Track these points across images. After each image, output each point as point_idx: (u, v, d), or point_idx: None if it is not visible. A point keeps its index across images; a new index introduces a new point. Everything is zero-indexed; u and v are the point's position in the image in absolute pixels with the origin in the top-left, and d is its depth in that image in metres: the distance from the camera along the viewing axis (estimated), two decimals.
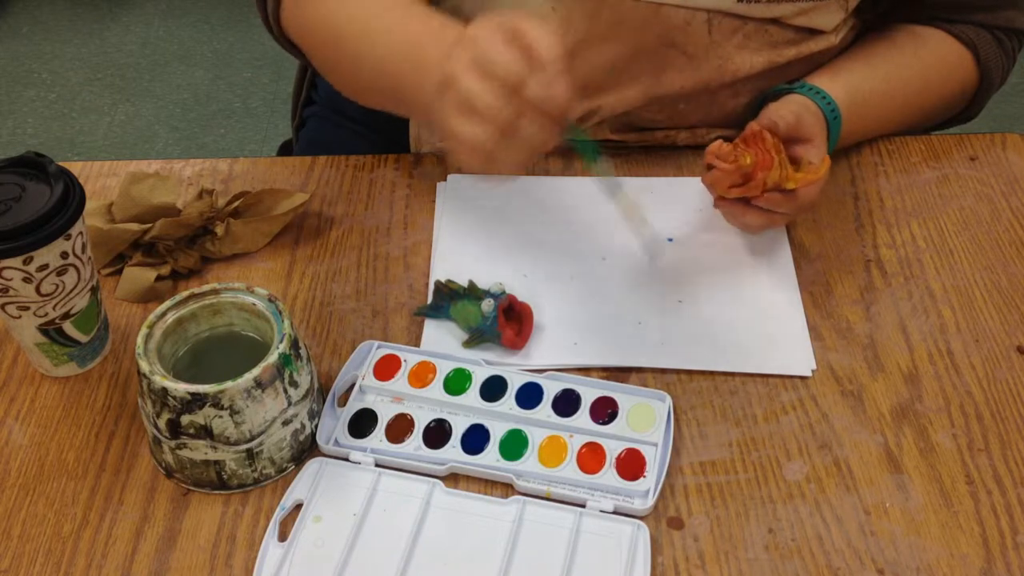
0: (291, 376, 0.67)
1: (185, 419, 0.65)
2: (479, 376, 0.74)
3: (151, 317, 0.68)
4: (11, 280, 0.68)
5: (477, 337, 0.76)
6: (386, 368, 0.75)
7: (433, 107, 0.64)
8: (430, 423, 0.72)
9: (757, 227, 0.82)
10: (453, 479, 0.70)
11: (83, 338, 0.74)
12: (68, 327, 0.73)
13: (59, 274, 0.69)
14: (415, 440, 0.71)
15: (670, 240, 0.86)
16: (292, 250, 0.86)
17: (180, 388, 0.63)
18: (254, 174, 0.93)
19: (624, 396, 0.73)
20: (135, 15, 2.62)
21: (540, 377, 0.74)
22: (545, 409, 0.72)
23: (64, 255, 0.69)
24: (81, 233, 0.70)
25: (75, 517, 0.67)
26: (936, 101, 0.94)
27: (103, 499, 0.68)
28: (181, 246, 0.83)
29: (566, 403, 0.72)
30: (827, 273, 0.83)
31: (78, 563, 0.65)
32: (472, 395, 0.73)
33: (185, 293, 0.70)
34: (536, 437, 0.71)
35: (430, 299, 0.80)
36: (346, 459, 0.70)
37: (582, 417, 0.72)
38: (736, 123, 0.93)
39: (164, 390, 0.64)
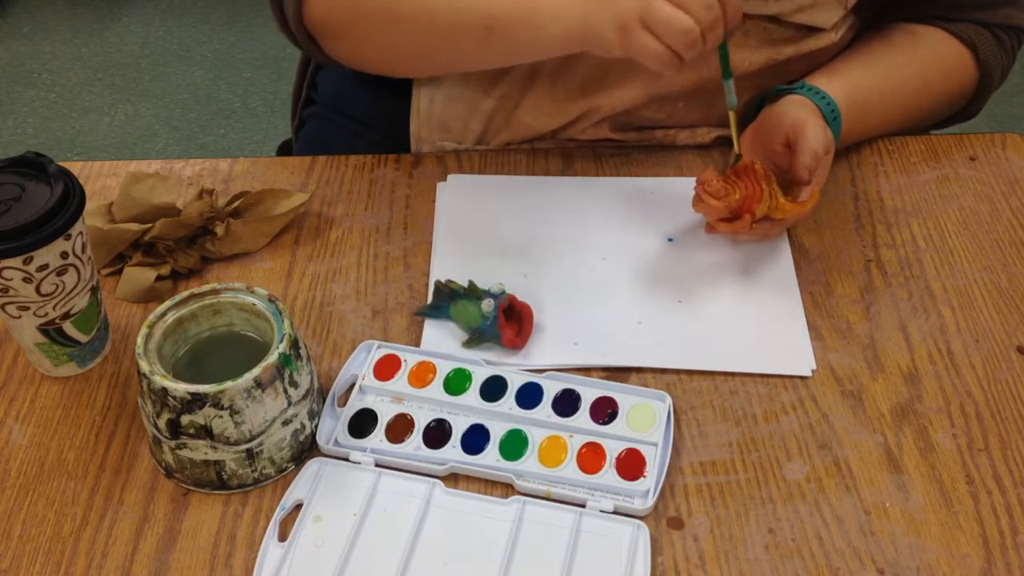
0: (291, 376, 0.67)
1: (185, 419, 0.65)
2: (479, 376, 0.74)
3: (151, 317, 0.68)
4: (11, 280, 0.68)
5: (477, 337, 0.76)
6: (386, 368, 0.75)
7: (588, 20, 0.74)
8: (430, 423, 0.72)
9: (749, 241, 0.84)
10: (453, 479, 0.70)
11: (83, 338, 0.74)
12: (68, 327, 0.73)
13: (59, 274, 0.69)
14: (415, 440, 0.71)
15: (670, 240, 0.86)
16: (292, 250, 0.86)
17: (180, 388, 0.63)
18: (254, 174, 0.93)
19: (624, 396, 0.73)
20: (135, 15, 2.62)
21: (540, 377, 0.74)
22: (545, 409, 0.72)
23: (64, 255, 0.69)
24: (81, 233, 0.70)
25: (75, 517, 0.67)
26: (936, 99, 0.94)
27: (103, 499, 0.68)
28: (181, 246, 0.83)
29: (566, 403, 0.72)
30: (827, 273, 0.83)
31: (78, 563, 0.65)
32: (472, 395, 0.73)
33: (185, 293, 0.70)
34: (536, 437, 0.71)
35: (430, 299, 0.80)
36: (346, 459, 0.70)
37: (582, 417, 0.72)
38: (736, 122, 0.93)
39: (164, 390, 0.64)
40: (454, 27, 0.80)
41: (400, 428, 0.71)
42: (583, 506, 0.67)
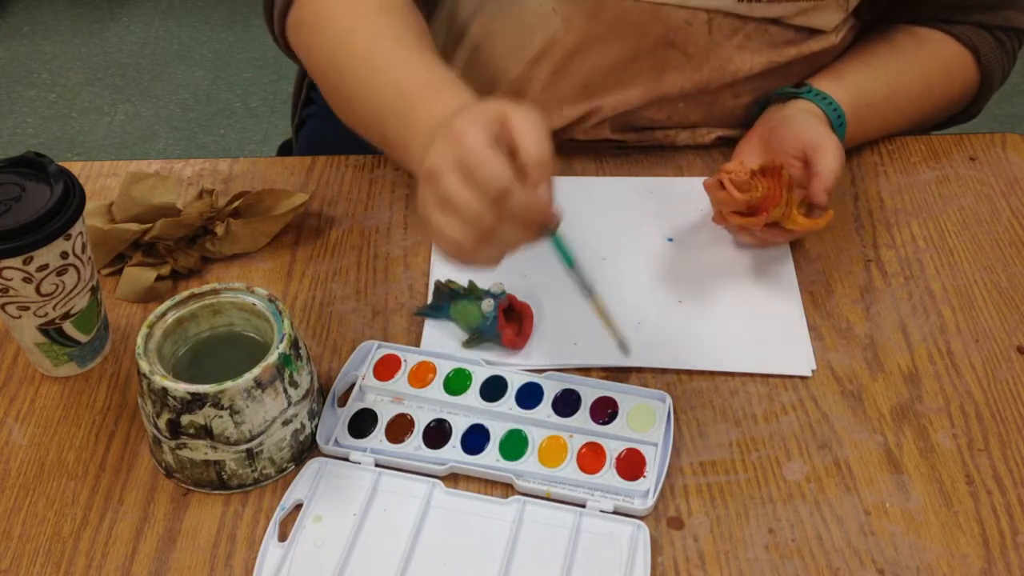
0: (291, 376, 0.67)
1: (185, 419, 0.65)
2: (479, 376, 0.74)
3: (151, 317, 0.68)
4: (11, 280, 0.68)
5: (477, 337, 0.76)
6: (386, 368, 0.75)
7: (418, 176, 0.63)
8: (430, 423, 0.72)
9: (748, 243, 0.84)
10: (453, 479, 0.70)
11: (83, 338, 0.74)
12: (68, 327, 0.73)
13: (59, 274, 0.69)
14: (415, 440, 0.71)
15: (670, 240, 0.86)
16: (292, 250, 0.86)
17: (180, 388, 0.63)
18: (254, 174, 0.93)
19: (624, 396, 0.73)
20: (135, 15, 2.62)
21: (540, 377, 0.74)
22: (545, 409, 0.72)
23: (64, 255, 0.69)
24: (81, 233, 0.70)
25: (75, 517, 0.67)
26: (938, 103, 0.94)
27: (103, 499, 0.68)
28: (181, 246, 0.83)
29: (566, 403, 0.72)
30: (827, 273, 0.83)
31: (78, 563, 0.65)
32: (472, 395, 0.73)
33: (185, 293, 0.70)
34: (536, 437, 0.71)
35: (430, 299, 0.80)
36: (346, 459, 0.70)
37: (582, 417, 0.72)
38: (737, 123, 0.93)
39: (164, 390, 0.64)
40: (366, 109, 0.77)
41: (400, 428, 0.71)
42: (583, 506, 0.67)
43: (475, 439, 0.71)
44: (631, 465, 0.69)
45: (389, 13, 0.79)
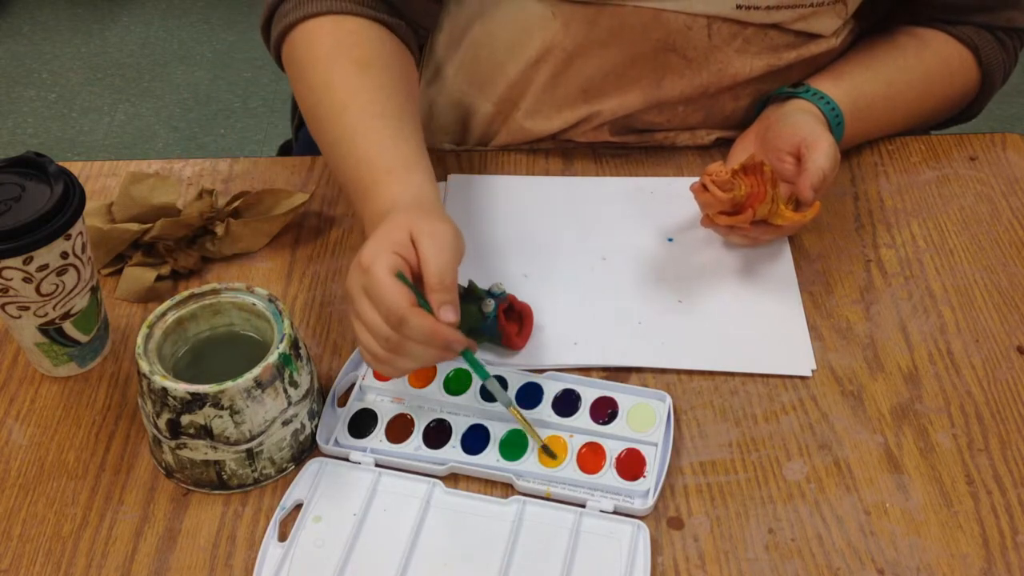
0: (291, 376, 0.67)
1: (185, 419, 0.65)
2: (479, 376, 0.74)
3: (151, 317, 0.68)
4: (11, 280, 0.68)
5: (477, 337, 0.76)
6: None
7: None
8: (430, 423, 0.72)
9: (740, 245, 0.83)
10: (453, 479, 0.70)
11: (83, 338, 0.74)
12: (68, 327, 0.73)
13: (59, 274, 0.69)
14: (415, 440, 0.71)
15: (670, 240, 0.86)
16: (292, 250, 0.86)
17: (180, 388, 0.63)
18: (254, 174, 0.93)
19: (624, 396, 0.73)
20: (135, 15, 2.62)
21: (540, 377, 0.74)
22: (545, 409, 0.72)
23: (64, 255, 0.69)
24: (81, 233, 0.70)
25: (75, 517, 0.67)
26: (938, 103, 0.94)
27: (103, 499, 0.68)
28: (181, 246, 0.83)
29: (566, 403, 0.72)
30: (827, 273, 0.83)
31: (78, 563, 0.65)
32: (472, 395, 0.73)
33: (185, 293, 0.70)
34: None
35: None
36: (346, 459, 0.70)
37: (582, 417, 0.72)
38: (736, 125, 0.93)
39: (164, 390, 0.64)
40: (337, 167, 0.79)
41: (400, 428, 0.71)
42: (583, 506, 0.67)
43: (475, 439, 0.71)
44: (631, 465, 0.69)
45: (368, 72, 0.79)
